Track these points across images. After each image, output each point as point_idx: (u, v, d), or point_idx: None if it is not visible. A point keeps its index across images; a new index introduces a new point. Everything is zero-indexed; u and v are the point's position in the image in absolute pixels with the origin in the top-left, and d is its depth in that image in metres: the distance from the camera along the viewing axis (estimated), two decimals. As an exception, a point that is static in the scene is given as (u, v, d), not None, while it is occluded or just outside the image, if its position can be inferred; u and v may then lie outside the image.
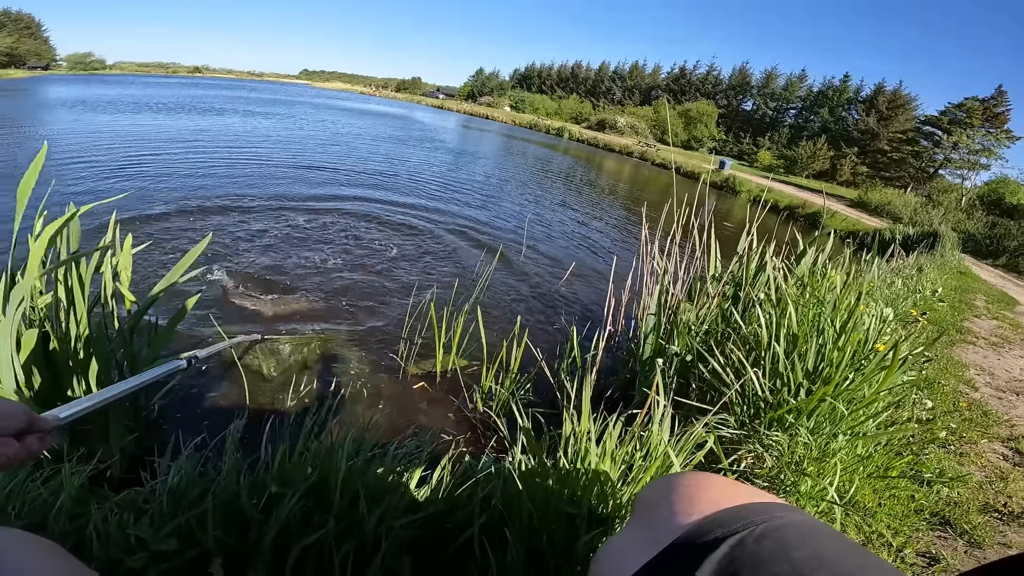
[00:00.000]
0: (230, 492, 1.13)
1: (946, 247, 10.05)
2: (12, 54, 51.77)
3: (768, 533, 0.45)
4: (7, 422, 0.58)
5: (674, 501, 0.55)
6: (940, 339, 4.22)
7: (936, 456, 2.17)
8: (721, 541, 0.45)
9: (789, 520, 0.46)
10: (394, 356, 2.84)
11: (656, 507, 0.58)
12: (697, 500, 0.52)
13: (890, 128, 41.54)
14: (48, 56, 60.00)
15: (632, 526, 0.63)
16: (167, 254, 3.84)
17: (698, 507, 0.51)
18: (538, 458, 1.32)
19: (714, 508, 0.50)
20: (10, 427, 0.58)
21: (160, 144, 9.58)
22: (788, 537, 0.44)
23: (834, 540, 0.45)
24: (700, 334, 2.28)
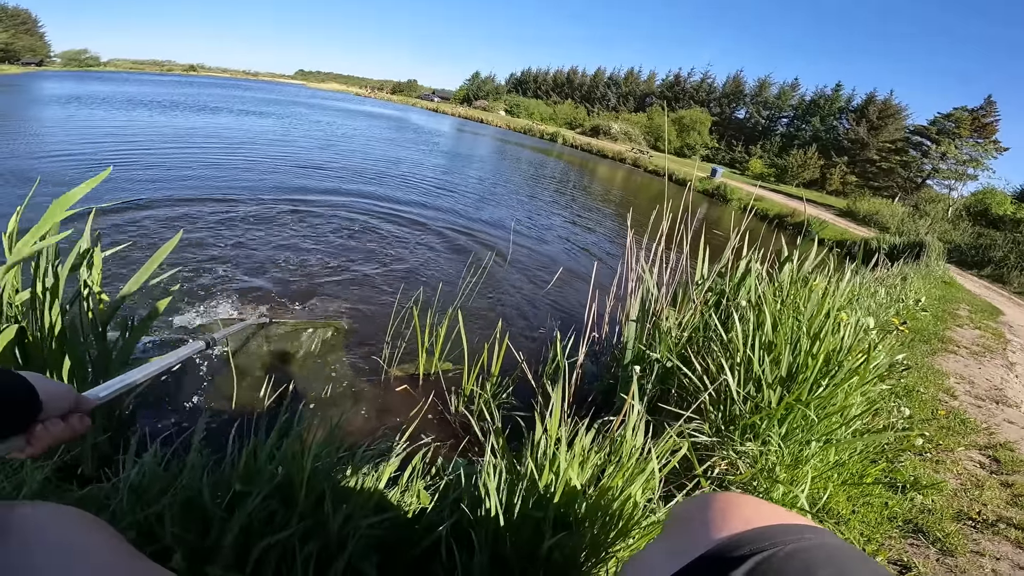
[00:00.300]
0: (193, 489, 1.13)
1: (932, 257, 10.18)
2: (7, 50, 51.34)
3: (795, 553, 0.45)
4: (59, 403, 0.61)
5: (706, 517, 0.55)
6: (922, 348, 4.27)
7: (912, 463, 2.19)
8: (748, 557, 0.46)
9: (818, 542, 0.47)
10: (377, 358, 2.83)
11: (688, 522, 0.59)
12: (729, 517, 0.53)
13: (880, 138, 42.09)
14: (43, 52, 59.46)
15: (663, 539, 0.64)
16: (147, 251, 3.81)
17: (729, 524, 0.52)
18: (507, 462, 1.32)
19: (745, 526, 0.51)
20: (60, 408, 0.62)
21: (150, 141, 9.51)
22: (815, 557, 0.45)
23: (861, 563, 0.45)
24: (682, 341, 2.29)
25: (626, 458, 1.36)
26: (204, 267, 3.71)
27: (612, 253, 6.86)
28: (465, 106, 69.55)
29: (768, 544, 0.47)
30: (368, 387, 2.64)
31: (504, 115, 60.64)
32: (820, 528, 0.51)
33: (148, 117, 13.91)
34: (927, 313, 5.52)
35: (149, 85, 32.68)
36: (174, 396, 2.29)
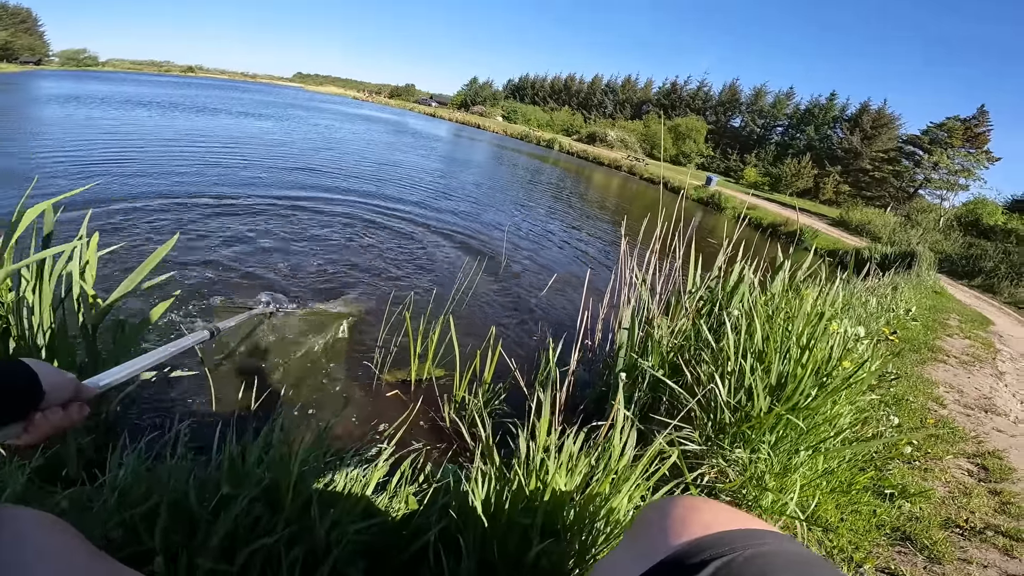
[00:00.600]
0: (179, 491, 1.13)
1: (923, 267, 10.28)
2: (6, 48, 50.82)
3: (754, 558, 0.46)
4: (60, 392, 0.62)
5: (667, 522, 0.56)
6: (912, 357, 4.31)
7: (900, 472, 2.21)
8: (708, 563, 0.46)
9: (778, 548, 0.47)
10: (368, 363, 2.83)
11: (650, 527, 0.59)
12: (689, 522, 0.53)
13: (873, 147, 42.50)
14: (42, 51, 58.98)
15: (626, 543, 0.64)
16: (143, 252, 3.79)
17: (689, 529, 0.52)
18: (496, 468, 1.33)
19: (705, 531, 0.51)
20: (62, 397, 0.62)
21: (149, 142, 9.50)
22: (773, 563, 0.45)
23: (820, 569, 0.46)
24: (674, 349, 2.30)
25: (613, 465, 1.37)
26: (200, 269, 3.70)
27: (606, 260, 6.88)
28: (462, 111, 69.75)
29: (727, 549, 0.47)
30: (359, 391, 2.63)
31: (501, 121, 60.89)
32: (781, 534, 0.51)
33: (147, 117, 13.90)
34: (917, 323, 5.57)
35: (148, 86, 32.63)
36: (160, 396, 2.27)
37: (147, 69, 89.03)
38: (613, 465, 1.36)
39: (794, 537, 0.52)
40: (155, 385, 2.31)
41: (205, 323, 2.71)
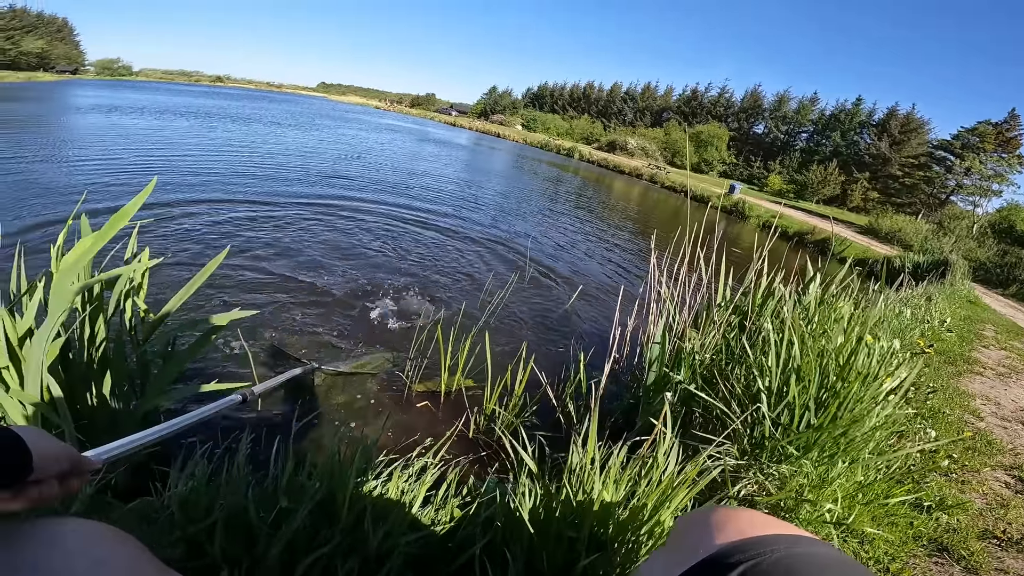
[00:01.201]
0: (238, 505, 1.15)
1: (956, 276, 10.03)
2: (43, 57, 51.32)
3: (782, 560, 0.48)
4: (55, 465, 0.57)
5: (705, 528, 0.59)
6: (947, 370, 4.26)
7: (937, 484, 2.23)
8: (738, 564, 0.49)
9: (809, 551, 0.49)
10: (399, 374, 2.89)
11: (688, 532, 0.64)
12: (725, 529, 0.56)
13: (902, 153, 41.52)
14: (78, 60, 59.98)
15: (665, 549, 0.68)
16: (190, 264, 3.97)
17: (724, 534, 0.55)
18: (542, 483, 1.36)
19: (739, 536, 0.54)
20: (54, 470, 0.57)
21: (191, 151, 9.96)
22: (801, 564, 0.47)
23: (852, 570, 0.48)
24: (705, 363, 2.32)
25: (656, 478, 1.40)
26: (245, 283, 3.84)
27: (631, 271, 6.90)
28: (482, 120, 70.35)
29: (758, 552, 0.50)
30: (391, 403, 2.69)
31: (521, 129, 61.20)
32: (814, 538, 0.53)
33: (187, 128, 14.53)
34: (952, 334, 5.47)
35: (181, 95, 33.78)
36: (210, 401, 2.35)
37: (178, 79, 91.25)
38: (656, 478, 1.39)
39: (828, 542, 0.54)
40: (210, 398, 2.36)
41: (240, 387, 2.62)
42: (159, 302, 1.89)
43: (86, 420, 1.63)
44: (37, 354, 1.38)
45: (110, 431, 1.65)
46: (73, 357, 1.59)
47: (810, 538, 0.53)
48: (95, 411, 1.64)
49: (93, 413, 1.64)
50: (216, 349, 2.81)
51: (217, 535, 1.09)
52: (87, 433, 1.62)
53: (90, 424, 1.63)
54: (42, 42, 51.90)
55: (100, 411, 1.65)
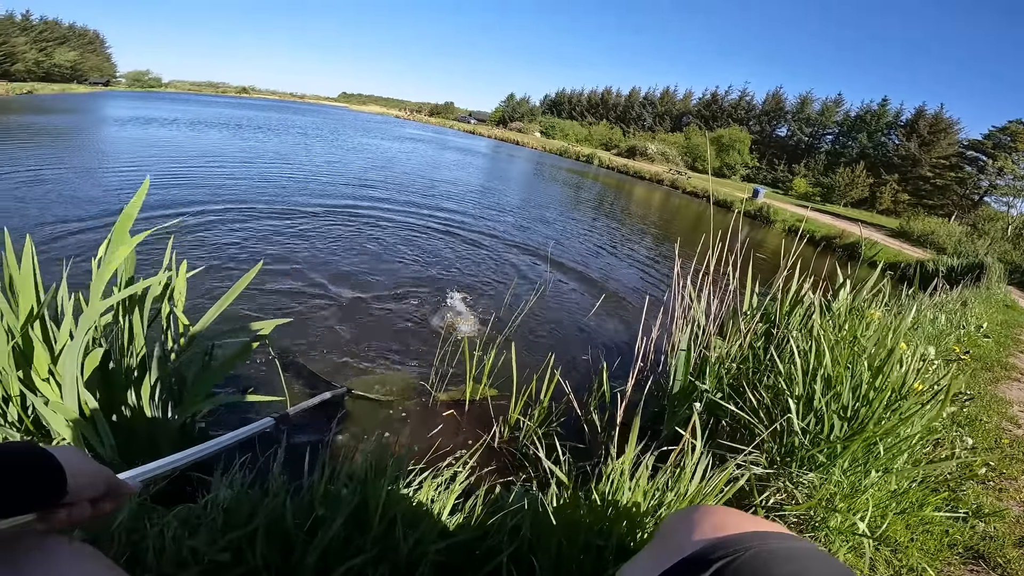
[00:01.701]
0: (277, 512, 1.19)
1: (992, 279, 9.70)
2: (75, 68, 52.29)
3: (758, 555, 0.50)
4: (89, 490, 0.56)
5: (684, 529, 0.61)
6: (984, 376, 4.15)
7: (974, 492, 2.19)
8: (715, 562, 0.51)
9: (783, 545, 0.51)
10: (424, 383, 2.93)
11: (668, 535, 0.66)
12: (703, 527, 0.59)
13: (932, 153, 40.31)
14: (109, 72, 61.14)
15: (648, 550, 0.71)
16: (223, 274, 4.13)
17: (703, 532, 0.57)
18: (570, 491, 1.38)
19: (716, 533, 0.56)
20: (88, 493, 0.57)
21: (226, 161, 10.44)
22: (775, 557, 0.50)
23: (821, 562, 0.50)
24: (731, 371, 2.31)
25: (685, 487, 1.41)
26: (276, 292, 3.95)
27: (654, 278, 6.87)
28: (501, 128, 70.78)
29: (735, 549, 0.52)
30: (417, 411, 2.73)
31: (539, 136, 61.34)
32: (791, 534, 0.55)
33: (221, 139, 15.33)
34: (989, 340, 5.30)
35: (211, 106, 35.25)
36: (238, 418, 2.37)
37: (205, 90, 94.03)
38: (685, 488, 1.39)
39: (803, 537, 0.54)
40: (241, 408, 2.44)
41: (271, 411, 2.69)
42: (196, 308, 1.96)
43: (125, 429, 1.67)
44: (70, 368, 1.42)
45: (149, 440, 1.72)
46: (113, 367, 1.64)
47: (786, 534, 0.55)
48: (134, 420, 1.69)
49: (132, 422, 1.69)
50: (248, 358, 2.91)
51: (259, 542, 1.12)
52: (126, 441, 1.67)
53: (129, 432, 1.68)
54: (74, 54, 52.97)
55: (139, 420, 1.70)
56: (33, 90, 35.53)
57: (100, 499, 0.59)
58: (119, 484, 0.62)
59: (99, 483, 0.58)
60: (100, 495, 0.58)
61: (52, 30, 52.22)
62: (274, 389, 2.61)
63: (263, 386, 2.69)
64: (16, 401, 1.57)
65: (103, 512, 0.60)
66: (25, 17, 49.55)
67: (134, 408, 1.68)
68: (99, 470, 0.58)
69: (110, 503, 0.60)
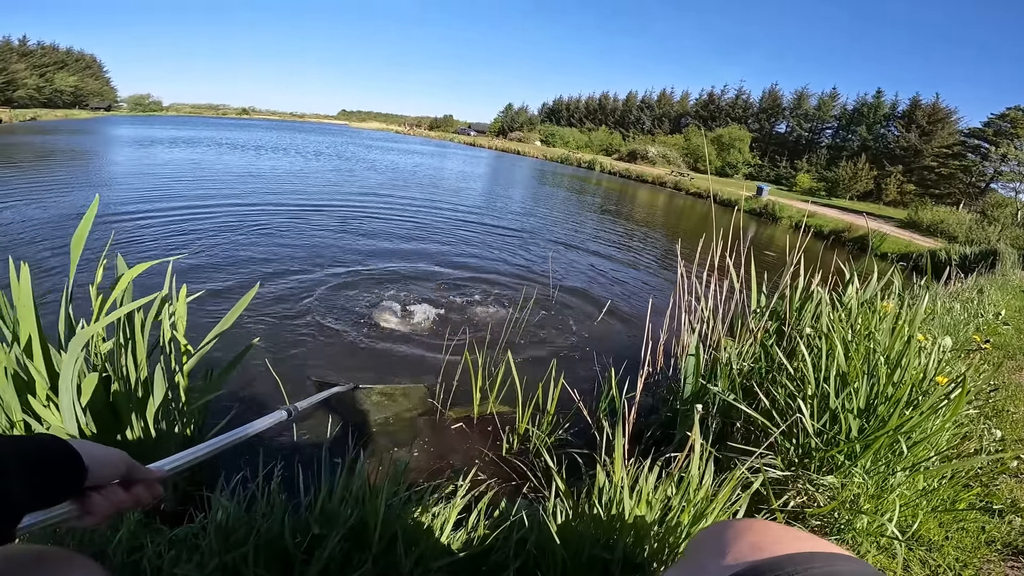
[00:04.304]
0: (274, 531, 1.17)
1: (1006, 265, 9.55)
2: (76, 93, 52.54)
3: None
4: (106, 471, 0.57)
5: (717, 545, 0.55)
6: (1008, 365, 4.03)
7: (1008, 486, 2.10)
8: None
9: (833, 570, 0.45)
10: (431, 399, 2.89)
11: (699, 550, 0.60)
12: (739, 547, 0.52)
13: (934, 143, 40.08)
14: (110, 97, 61.56)
15: (679, 567, 0.65)
16: (225, 296, 4.14)
17: (739, 555, 0.51)
18: (572, 504, 1.33)
19: (756, 554, 0.50)
20: (109, 476, 0.57)
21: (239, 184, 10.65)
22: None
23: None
24: (743, 372, 2.25)
25: (692, 495, 1.35)
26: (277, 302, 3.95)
27: (662, 281, 6.81)
28: (501, 138, 71.16)
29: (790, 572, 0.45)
30: (423, 425, 2.68)
31: (540, 145, 61.58)
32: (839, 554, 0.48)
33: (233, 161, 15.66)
34: (1009, 327, 5.18)
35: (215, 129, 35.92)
36: None
37: (206, 112, 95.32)
38: (692, 496, 1.34)
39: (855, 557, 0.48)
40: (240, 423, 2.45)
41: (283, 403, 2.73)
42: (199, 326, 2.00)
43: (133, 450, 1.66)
44: (66, 393, 1.44)
45: (156, 453, 1.70)
46: (116, 390, 1.66)
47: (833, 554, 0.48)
48: (141, 441, 1.71)
49: (141, 440, 1.71)
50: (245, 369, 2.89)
51: (251, 562, 1.10)
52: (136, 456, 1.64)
53: (139, 451, 1.68)
54: (74, 79, 53.17)
55: (146, 440, 1.72)
56: (37, 116, 35.95)
57: (131, 484, 0.61)
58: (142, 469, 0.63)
59: (117, 462, 0.59)
60: (123, 475, 0.60)
61: (50, 55, 52.51)
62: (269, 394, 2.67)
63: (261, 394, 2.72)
64: (20, 427, 1.58)
65: (141, 498, 0.62)
66: (22, 42, 49.78)
67: (141, 430, 1.70)
68: (112, 452, 0.59)
69: (144, 490, 0.62)
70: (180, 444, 1.84)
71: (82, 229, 1.53)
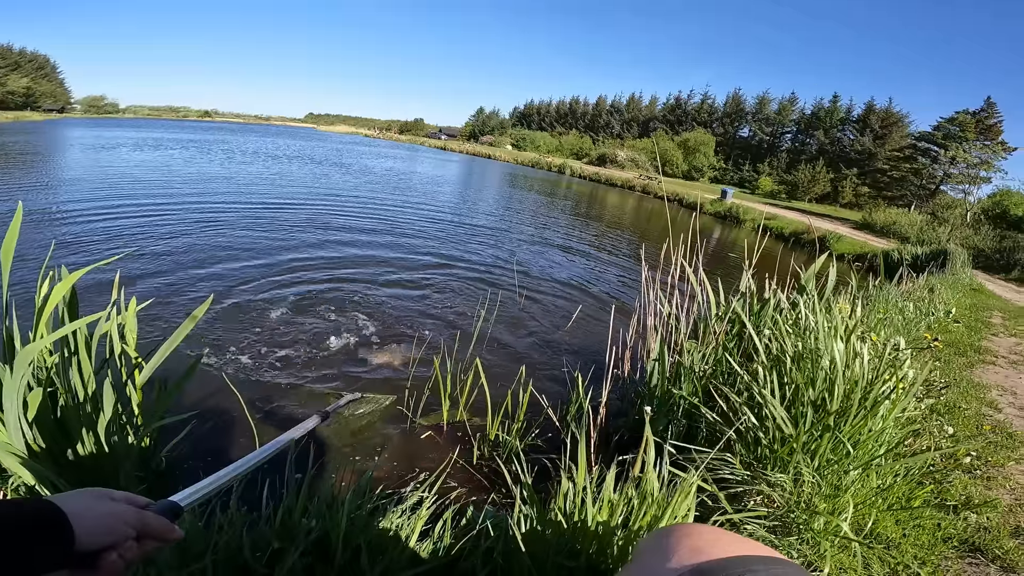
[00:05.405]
0: (233, 546, 1.15)
1: (956, 264, 10.00)
2: (28, 95, 50.69)
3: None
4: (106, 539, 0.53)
5: (658, 553, 0.56)
6: (958, 361, 4.19)
7: (961, 482, 2.16)
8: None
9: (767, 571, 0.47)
10: (401, 407, 2.85)
11: (645, 554, 0.61)
12: (680, 552, 0.53)
13: (887, 146, 41.96)
14: (64, 99, 59.51)
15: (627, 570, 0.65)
16: (179, 309, 3.94)
17: (680, 559, 0.52)
18: (538, 511, 1.34)
19: (696, 557, 0.51)
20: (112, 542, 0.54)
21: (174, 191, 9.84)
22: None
23: None
24: (705, 376, 2.28)
25: (652, 499, 1.36)
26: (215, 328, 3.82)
27: (630, 286, 6.87)
28: (472, 142, 71.12)
29: None
30: (393, 436, 2.65)
31: (511, 149, 61.76)
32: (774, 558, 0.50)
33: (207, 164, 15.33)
34: (960, 324, 5.40)
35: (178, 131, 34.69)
36: (206, 446, 2.32)
37: (166, 115, 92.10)
38: (652, 499, 1.36)
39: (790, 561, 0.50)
40: (205, 437, 2.36)
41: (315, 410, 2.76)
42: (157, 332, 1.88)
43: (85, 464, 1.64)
44: (10, 408, 1.42)
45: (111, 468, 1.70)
46: (64, 406, 1.60)
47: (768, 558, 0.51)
48: (93, 455, 1.67)
49: (91, 458, 1.66)
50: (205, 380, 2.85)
51: None
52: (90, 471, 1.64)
53: (93, 463, 1.66)
54: (27, 80, 51.27)
55: (99, 454, 1.68)
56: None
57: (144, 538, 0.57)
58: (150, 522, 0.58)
59: (121, 528, 0.55)
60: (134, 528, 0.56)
61: (4, 56, 50.72)
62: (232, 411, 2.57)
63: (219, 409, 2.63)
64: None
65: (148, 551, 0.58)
66: (-27, 44, 47.51)
67: (93, 444, 1.66)
68: (116, 513, 0.55)
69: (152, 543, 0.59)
70: (136, 458, 1.80)
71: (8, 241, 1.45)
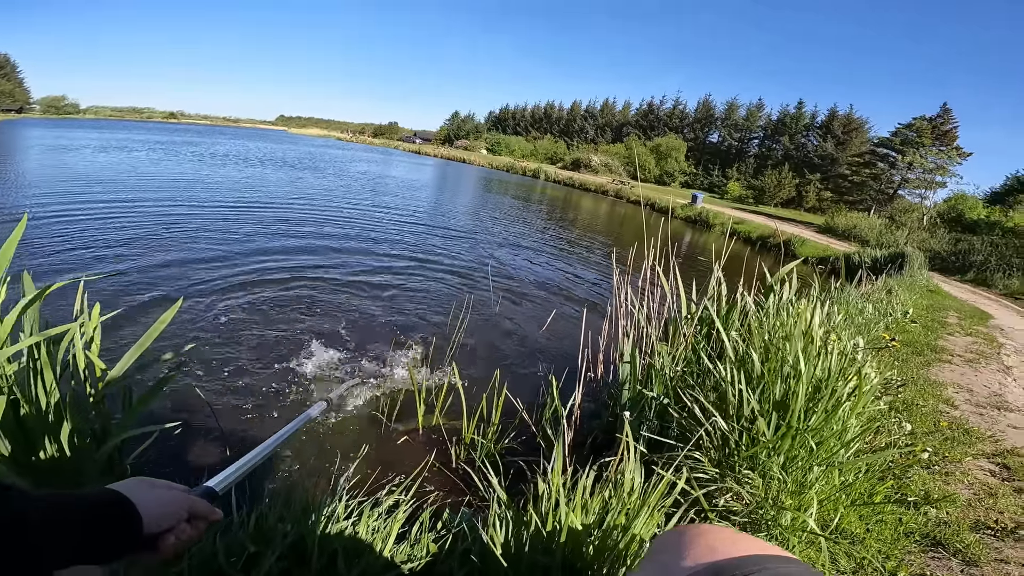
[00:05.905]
0: (207, 551, 1.14)
1: (914, 267, 10.38)
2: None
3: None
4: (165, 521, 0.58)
5: (675, 549, 0.58)
6: (915, 360, 4.33)
7: (921, 478, 2.20)
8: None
9: (780, 571, 0.48)
10: (376, 412, 2.83)
11: (659, 554, 0.62)
12: (696, 550, 0.55)
13: (848, 152, 43.61)
14: (23, 98, 58.08)
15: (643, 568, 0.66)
16: (145, 314, 3.82)
17: (696, 557, 0.54)
18: (514, 513, 1.35)
19: (712, 556, 0.53)
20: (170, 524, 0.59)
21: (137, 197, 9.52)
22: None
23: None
24: (676, 376, 2.31)
25: (626, 498, 1.38)
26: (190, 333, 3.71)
27: (603, 290, 6.93)
28: (447, 146, 70.92)
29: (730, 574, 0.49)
30: (369, 441, 2.63)
31: (486, 154, 61.76)
32: (787, 557, 0.52)
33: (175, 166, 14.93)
34: (917, 324, 5.59)
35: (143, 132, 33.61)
36: (175, 454, 2.27)
37: (129, 116, 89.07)
38: (626, 499, 1.38)
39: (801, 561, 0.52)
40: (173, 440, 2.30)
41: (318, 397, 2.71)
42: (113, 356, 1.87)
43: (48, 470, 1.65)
44: None
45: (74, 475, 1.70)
46: (26, 413, 1.59)
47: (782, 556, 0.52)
48: (56, 461, 1.66)
49: (54, 463, 1.66)
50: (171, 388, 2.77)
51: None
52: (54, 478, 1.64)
53: (56, 470, 1.66)
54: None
55: (62, 461, 1.67)
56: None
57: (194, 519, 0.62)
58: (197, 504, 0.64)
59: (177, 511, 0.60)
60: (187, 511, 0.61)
61: None
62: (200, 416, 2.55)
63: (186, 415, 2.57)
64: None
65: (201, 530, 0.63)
66: (-71, 42, 46.18)
67: (56, 451, 1.66)
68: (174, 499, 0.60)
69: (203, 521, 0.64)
70: (101, 465, 1.78)
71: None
